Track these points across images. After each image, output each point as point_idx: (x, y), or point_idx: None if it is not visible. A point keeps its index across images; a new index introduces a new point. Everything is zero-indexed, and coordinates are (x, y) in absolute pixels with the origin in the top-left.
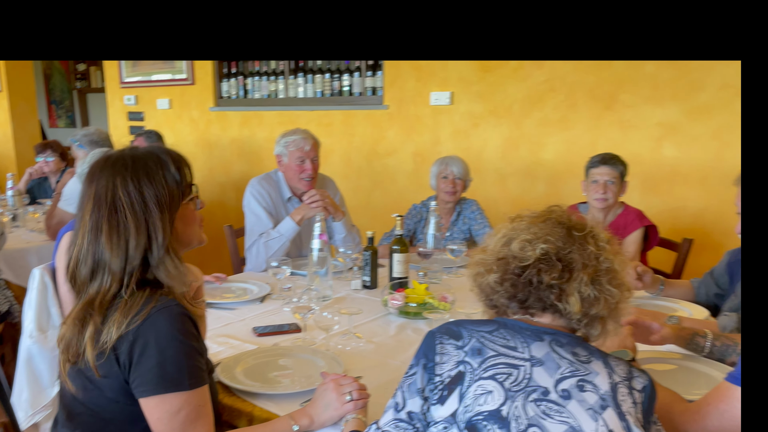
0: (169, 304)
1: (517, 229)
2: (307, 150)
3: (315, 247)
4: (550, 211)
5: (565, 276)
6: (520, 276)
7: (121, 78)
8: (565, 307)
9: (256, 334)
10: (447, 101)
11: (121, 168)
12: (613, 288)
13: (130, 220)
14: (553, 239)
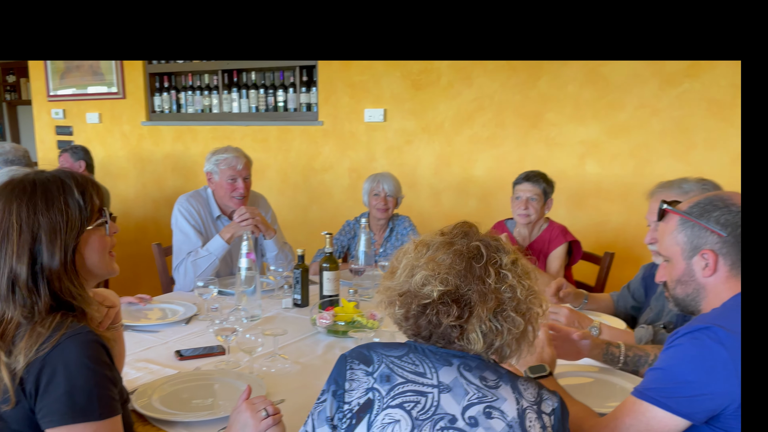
0: (80, 330)
1: (420, 259)
2: (239, 169)
3: (242, 266)
4: (453, 237)
5: (464, 315)
6: (422, 314)
7: (48, 91)
8: (467, 344)
9: (178, 358)
10: (381, 118)
11: (20, 193)
12: (517, 316)
13: (14, 247)
14: (452, 277)
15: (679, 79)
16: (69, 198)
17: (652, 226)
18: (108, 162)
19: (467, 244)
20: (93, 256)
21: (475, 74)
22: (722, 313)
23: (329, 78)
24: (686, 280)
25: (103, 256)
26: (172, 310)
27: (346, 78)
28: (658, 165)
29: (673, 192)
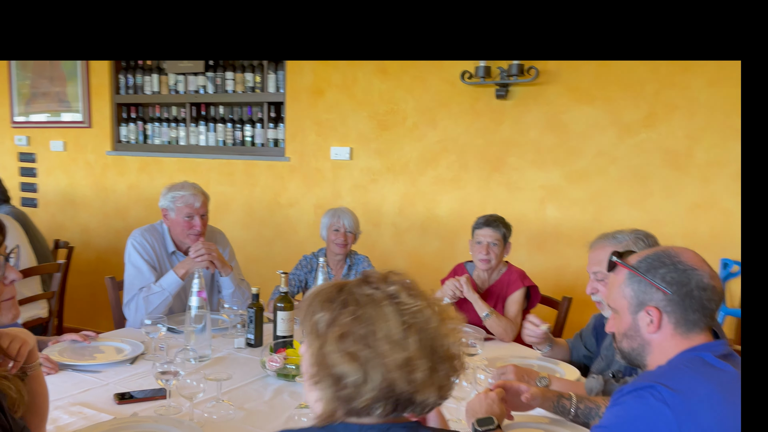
0: None
1: (321, 325)
2: (197, 207)
3: (193, 304)
4: (333, 307)
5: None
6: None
7: (12, 116)
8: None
9: (116, 402)
10: (347, 156)
11: None
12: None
13: None
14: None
15: (637, 128)
16: None
17: (591, 277)
18: (71, 191)
19: (346, 314)
20: None
21: (439, 117)
22: (667, 372)
23: (297, 115)
24: (632, 334)
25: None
26: (117, 348)
27: (313, 115)
28: (616, 211)
29: (608, 243)
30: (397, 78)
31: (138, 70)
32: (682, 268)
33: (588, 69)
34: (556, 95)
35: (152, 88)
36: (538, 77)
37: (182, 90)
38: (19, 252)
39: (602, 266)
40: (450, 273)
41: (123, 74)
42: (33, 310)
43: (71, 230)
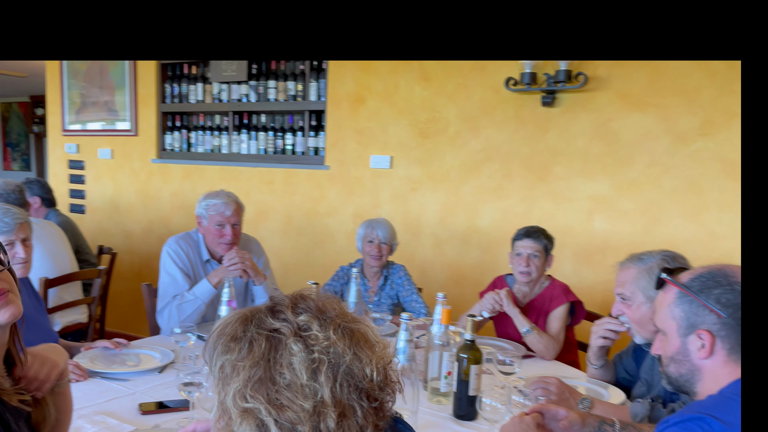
0: None
1: (226, 371)
2: (228, 215)
3: (222, 314)
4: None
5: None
6: None
7: (63, 125)
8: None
9: (140, 412)
10: (387, 165)
11: None
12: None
13: None
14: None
15: (692, 137)
16: None
17: (618, 299)
18: (116, 197)
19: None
20: None
21: (482, 125)
22: (719, 403)
23: (337, 123)
24: (680, 359)
25: None
26: (147, 356)
27: (353, 123)
28: (669, 224)
29: (633, 264)
30: (439, 85)
31: (183, 79)
32: (740, 289)
33: (640, 75)
34: (605, 102)
35: (197, 96)
36: (587, 83)
37: (225, 98)
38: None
39: (626, 288)
40: (489, 286)
41: (169, 83)
42: (73, 315)
43: (116, 236)
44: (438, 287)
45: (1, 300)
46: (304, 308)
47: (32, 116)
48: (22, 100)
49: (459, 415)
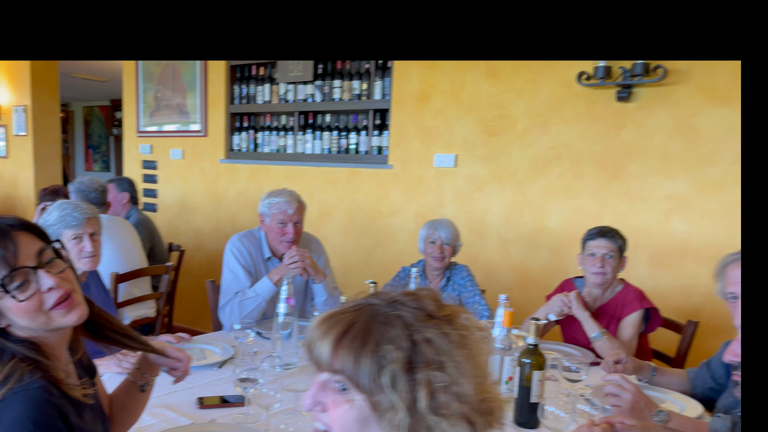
0: (29, 386)
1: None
2: (290, 213)
3: (280, 311)
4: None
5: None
6: None
7: (138, 127)
8: None
9: (198, 406)
10: (451, 164)
11: None
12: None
13: None
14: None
15: None
16: None
17: (730, 300)
18: (186, 197)
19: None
20: (19, 321)
21: (552, 121)
22: None
23: (401, 121)
24: None
25: (32, 320)
26: (208, 351)
27: (418, 122)
28: None
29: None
30: (507, 81)
31: (251, 80)
32: None
33: (724, 67)
34: (686, 96)
35: (264, 97)
36: (666, 77)
37: (291, 99)
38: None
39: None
40: (556, 289)
41: (237, 85)
42: (141, 310)
43: (185, 234)
44: (502, 290)
45: (67, 303)
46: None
47: (112, 119)
48: (102, 103)
49: (519, 422)
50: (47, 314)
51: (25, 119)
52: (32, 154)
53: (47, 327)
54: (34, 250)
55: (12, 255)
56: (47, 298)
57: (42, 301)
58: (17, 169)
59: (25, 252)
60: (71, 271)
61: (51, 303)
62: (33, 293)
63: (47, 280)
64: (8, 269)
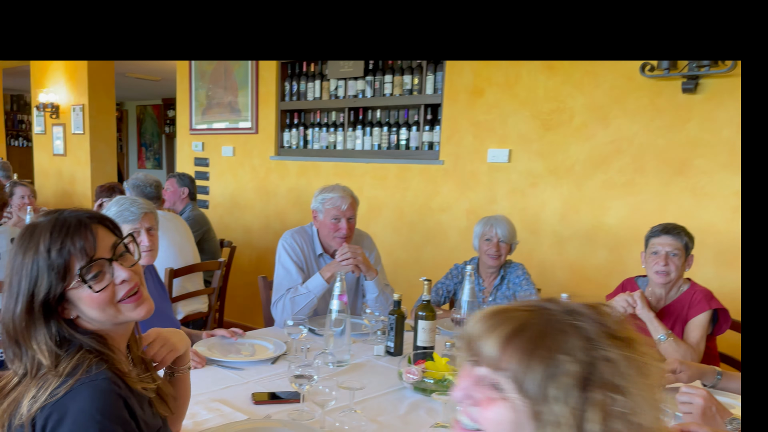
0: (96, 377)
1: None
2: (343, 209)
3: (333, 308)
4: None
5: None
6: None
7: (190, 124)
8: None
9: (253, 402)
10: (505, 159)
11: (21, 234)
12: None
13: (5, 298)
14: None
15: None
16: (38, 255)
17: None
18: (237, 193)
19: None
20: (90, 313)
21: (612, 114)
22: None
23: (453, 116)
24: None
25: (102, 312)
26: (261, 347)
27: (471, 116)
28: None
29: None
30: (565, 74)
31: (302, 77)
32: None
33: None
34: None
35: (314, 94)
36: (736, 68)
37: (342, 95)
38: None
39: None
40: (617, 288)
41: (288, 82)
42: (195, 305)
43: (235, 231)
44: (558, 289)
45: (136, 297)
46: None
47: (164, 118)
48: (155, 102)
49: None
50: (117, 307)
51: (83, 118)
52: (89, 151)
53: (115, 320)
54: (110, 243)
55: (91, 246)
56: (119, 290)
57: (114, 293)
58: (74, 166)
59: (101, 244)
60: (140, 266)
61: (121, 295)
62: (107, 285)
63: (121, 272)
64: (87, 259)
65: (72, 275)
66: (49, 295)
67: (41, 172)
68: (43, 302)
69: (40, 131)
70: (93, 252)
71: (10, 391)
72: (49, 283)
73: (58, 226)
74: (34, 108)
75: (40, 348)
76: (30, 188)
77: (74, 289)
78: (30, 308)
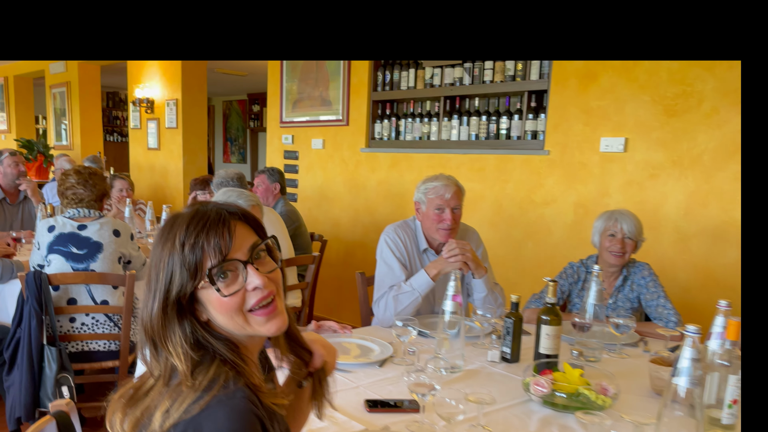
0: (234, 395)
1: None
2: (447, 198)
3: (447, 308)
4: None
5: None
6: None
7: (281, 117)
8: None
9: (367, 409)
10: (620, 148)
11: (161, 228)
12: None
13: (144, 293)
14: None
15: None
16: (173, 252)
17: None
18: (326, 186)
19: None
20: (218, 318)
21: None
22: None
23: (561, 103)
24: None
25: (229, 319)
26: (366, 347)
27: (581, 103)
28: None
29: None
30: None
31: (395, 66)
32: None
33: None
34: None
35: (408, 83)
36: None
37: (438, 83)
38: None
39: None
40: None
41: (381, 71)
42: (289, 299)
43: (323, 224)
44: (679, 290)
45: (269, 310)
46: None
47: (249, 113)
48: (240, 97)
49: None
50: (246, 316)
51: (176, 113)
52: (181, 145)
53: (243, 331)
54: (249, 243)
55: (226, 244)
56: (249, 298)
57: (244, 300)
58: (168, 160)
59: (239, 243)
60: (280, 273)
61: (252, 303)
62: (237, 290)
63: (254, 278)
64: (219, 259)
65: (202, 274)
66: (181, 293)
67: (136, 165)
68: (176, 301)
69: (135, 126)
70: (227, 251)
71: (143, 395)
72: (182, 281)
73: (195, 219)
74: (131, 103)
75: (176, 350)
76: (128, 181)
77: (204, 290)
78: (165, 306)
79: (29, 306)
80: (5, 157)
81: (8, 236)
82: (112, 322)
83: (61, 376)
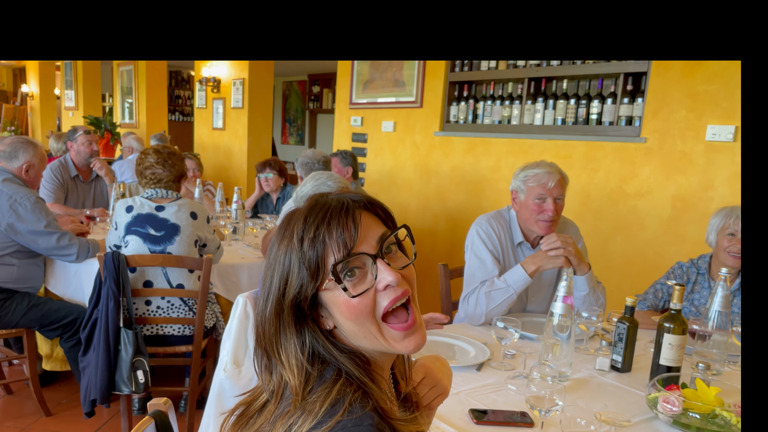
0: (361, 421)
1: None
2: (550, 187)
3: (557, 311)
4: None
5: None
6: None
7: (350, 99)
8: None
9: (473, 421)
10: (729, 137)
11: (278, 227)
12: None
13: (261, 297)
14: None
15: None
16: (292, 241)
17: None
18: (395, 171)
19: None
20: (345, 324)
21: None
22: None
23: (663, 87)
24: None
25: (359, 326)
26: (461, 348)
27: (686, 87)
28: None
29: None
30: None
31: None
32: None
33: None
34: None
35: (489, 63)
36: None
37: (522, 64)
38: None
39: None
40: None
41: None
42: None
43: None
44: None
45: (409, 323)
46: None
47: (309, 94)
48: (300, 78)
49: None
50: (380, 326)
51: (242, 92)
52: (246, 125)
53: (374, 344)
54: (377, 235)
55: (350, 236)
56: (381, 298)
57: (375, 303)
58: (232, 139)
59: (366, 235)
60: (413, 271)
61: (385, 305)
62: (367, 289)
63: (386, 274)
64: (345, 253)
65: (325, 272)
66: (299, 296)
67: (200, 145)
68: (294, 304)
69: (200, 105)
70: (353, 244)
71: (255, 413)
72: (300, 281)
73: (315, 210)
74: (197, 82)
75: (289, 362)
76: (196, 161)
77: (328, 291)
78: (279, 311)
79: (107, 287)
80: (80, 134)
81: (82, 214)
82: (187, 306)
83: (137, 360)
